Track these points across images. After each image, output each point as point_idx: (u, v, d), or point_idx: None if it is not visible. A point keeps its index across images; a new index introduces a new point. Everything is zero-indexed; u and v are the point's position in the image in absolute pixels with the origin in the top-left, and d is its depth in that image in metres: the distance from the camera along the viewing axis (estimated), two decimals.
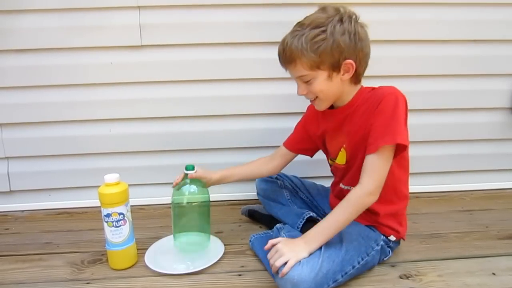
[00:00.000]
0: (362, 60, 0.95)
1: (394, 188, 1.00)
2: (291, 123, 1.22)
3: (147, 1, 1.30)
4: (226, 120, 1.43)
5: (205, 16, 1.33)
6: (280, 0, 1.33)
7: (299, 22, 0.95)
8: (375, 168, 0.91)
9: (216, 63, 1.37)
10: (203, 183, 1.08)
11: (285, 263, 0.85)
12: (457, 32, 1.40)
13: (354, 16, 0.93)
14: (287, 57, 0.95)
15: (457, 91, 1.46)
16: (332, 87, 0.96)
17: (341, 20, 0.91)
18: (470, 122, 1.49)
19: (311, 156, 1.21)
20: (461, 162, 1.54)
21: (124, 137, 1.41)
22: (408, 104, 0.94)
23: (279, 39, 0.98)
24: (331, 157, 1.12)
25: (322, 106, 1.02)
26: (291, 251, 0.87)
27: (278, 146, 1.22)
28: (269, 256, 0.91)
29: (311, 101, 1.03)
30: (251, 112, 1.43)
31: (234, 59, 1.37)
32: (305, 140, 1.17)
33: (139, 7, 1.30)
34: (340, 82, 0.96)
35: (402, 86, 0.96)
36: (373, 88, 0.99)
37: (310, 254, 0.88)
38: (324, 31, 0.90)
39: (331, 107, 1.06)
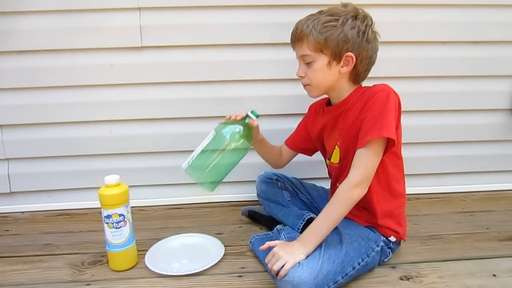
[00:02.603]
0: (363, 60, 0.98)
1: (388, 186, 1.02)
2: (295, 125, 1.22)
3: (147, 2, 1.30)
4: None
5: (206, 17, 1.33)
6: (281, 2, 1.33)
7: (320, 10, 1.00)
8: (361, 162, 0.92)
9: (216, 64, 1.37)
10: (252, 134, 1.08)
11: (283, 266, 0.85)
12: (457, 33, 1.40)
13: (370, 21, 0.98)
14: (297, 35, 1.00)
15: (458, 92, 1.46)
16: (328, 76, 0.99)
17: (355, 17, 0.96)
18: (470, 123, 1.49)
19: (310, 155, 1.24)
20: (462, 163, 1.53)
21: (124, 138, 1.41)
22: (401, 103, 0.95)
23: (281, 41, 1.00)
24: (328, 156, 1.12)
25: (313, 93, 1.05)
26: (288, 254, 0.87)
27: None
28: (266, 260, 0.91)
29: (304, 86, 1.05)
30: None
31: (235, 60, 1.37)
32: (305, 140, 1.19)
33: (139, 8, 1.30)
34: (337, 74, 0.99)
35: (402, 87, 0.96)
36: (368, 87, 1.00)
37: (308, 256, 0.89)
38: (336, 20, 0.95)
39: (329, 104, 1.07)
